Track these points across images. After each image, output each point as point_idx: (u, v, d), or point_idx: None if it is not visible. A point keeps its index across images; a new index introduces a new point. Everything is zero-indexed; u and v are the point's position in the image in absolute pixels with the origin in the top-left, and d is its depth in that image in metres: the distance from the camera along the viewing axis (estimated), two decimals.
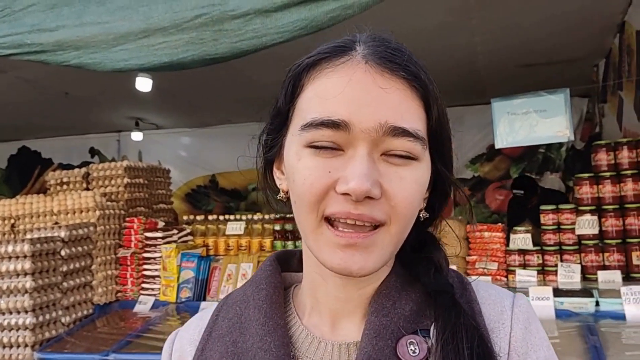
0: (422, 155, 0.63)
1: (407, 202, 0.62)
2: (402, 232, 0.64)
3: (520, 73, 4.37)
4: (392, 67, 0.62)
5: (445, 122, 0.67)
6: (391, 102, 0.60)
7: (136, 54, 1.37)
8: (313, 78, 0.64)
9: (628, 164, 2.74)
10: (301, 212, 0.63)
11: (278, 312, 0.69)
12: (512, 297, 0.70)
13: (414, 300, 0.67)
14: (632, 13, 3.28)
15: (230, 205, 6.87)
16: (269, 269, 0.75)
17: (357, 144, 0.60)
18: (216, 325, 0.73)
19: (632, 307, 2.29)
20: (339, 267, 0.61)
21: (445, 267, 0.71)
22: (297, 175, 0.62)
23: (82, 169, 3.60)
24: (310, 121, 0.61)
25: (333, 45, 0.65)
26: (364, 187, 0.57)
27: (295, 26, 1.40)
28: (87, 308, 2.95)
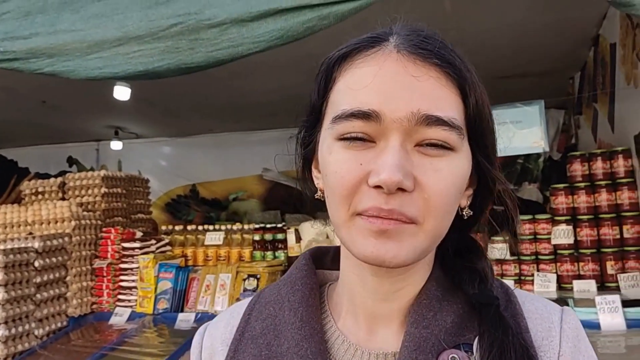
0: (460, 146, 0.60)
1: (443, 195, 0.58)
2: (438, 228, 0.60)
3: (497, 85, 4.43)
4: (424, 55, 0.59)
5: (486, 111, 0.64)
6: (424, 90, 0.58)
7: (111, 62, 1.36)
8: (344, 70, 0.63)
9: (602, 174, 2.79)
10: (334, 206, 0.61)
11: (314, 316, 0.67)
12: (561, 312, 0.67)
13: (455, 312, 0.64)
14: (606, 26, 3.35)
15: (210, 215, 6.82)
16: (304, 268, 0.72)
17: (389, 135, 0.58)
18: (249, 325, 0.71)
19: (607, 317, 2.32)
20: (372, 255, 0.58)
21: (490, 276, 0.67)
22: (329, 168, 0.61)
23: (57, 178, 3.55)
24: (340, 113, 0.59)
25: (365, 36, 0.64)
26: (395, 178, 0.55)
27: (272, 36, 1.40)
28: (61, 320, 2.90)
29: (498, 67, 4.10)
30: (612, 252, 2.68)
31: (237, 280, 3.00)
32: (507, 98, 2.88)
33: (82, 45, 1.37)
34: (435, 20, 3.11)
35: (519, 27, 3.33)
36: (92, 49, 1.37)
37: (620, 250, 2.68)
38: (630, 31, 2.69)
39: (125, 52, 1.36)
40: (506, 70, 4.17)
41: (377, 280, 0.65)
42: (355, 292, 0.67)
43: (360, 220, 0.59)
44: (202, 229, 3.50)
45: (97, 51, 1.37)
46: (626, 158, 2.74)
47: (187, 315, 2.92)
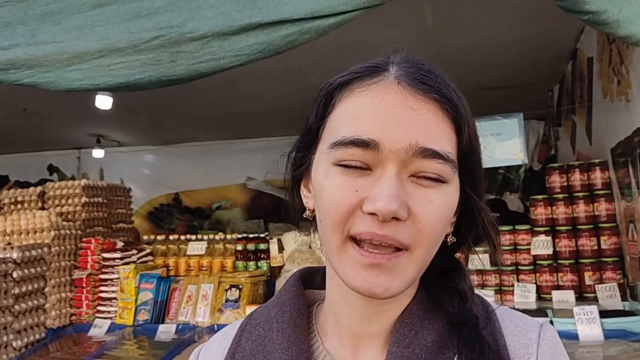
0: (452, 179, 0.63)
1: (434, 226, 0.61)
2: (426, 256, 0.63)
3: (479, 96, 4.48)
4: (424, 89, 0.62)
5: (476, 146, 0.67)
6: (422, 123, 0.60)
7: (91, 74, 1.36)
8: (345, 97, 0.64)
9: (580, 186, 2.84)
10: (327, 230, 0.63)
11: (301, 337, 0.69)
12: (539, 328, 0.69)
13: (436, 330, 0.66)
14: (583, 41, 3.42)
15: (193, 224, 6.78)
16: (292, 289, 0.74)
17: (386, 164, 0.60)
18: (239, 347, 0.72)
19: (585, 327, 2.35)
20: (363, 288, 0.60)
21: (470, 295, 0.70)
22: (324, 193, 0.62)
23: (37, 187, 3.51)
24: (340, 139, 0.61)
25: (366, 65, 0.66)
26: (392, 208, 0.57)
27: (253, 49, 1.41)
28: (39, 332, 2.85)
29: (479, 79, 4.16)
30: (590, 263, 2.73)
31: (219, 290, 2.99)
32: (488, 109, 2.92)
33: (63, 57, 1.37)
34: (417, 34, 3.16)
35: (499, 40, 3.38)
36: (73, 60, 1.37)
37: (598, 261, 2.72)
38: (607, 46, 2.75)
39: (106, 64, 1.36)
40: (487, 82, 4.22)
41: (362, 302, 0.67)
42: (340, 312, 0.69)
43: (353, 250, 0.61)
44: (184, 238, 3.48)
45: (78, 63, 1.37)
46: (603, 170, 2.79)
47: (168, 326, 2.89)
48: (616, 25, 1.54)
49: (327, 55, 2.37)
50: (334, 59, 0.59)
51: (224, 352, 0.73)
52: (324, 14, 1.46)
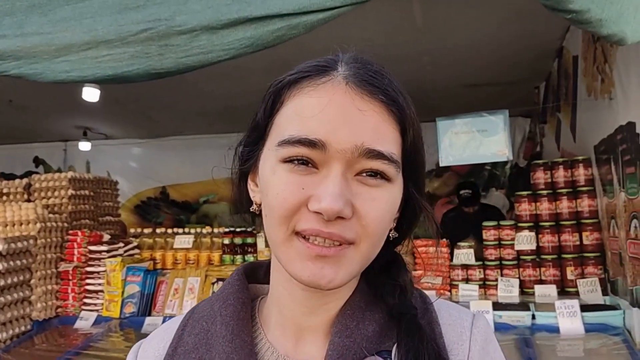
0: (396, 178, 0.64)
1: (378, 222, 0.63)
2: (371, 250, 0.64)
3: (466, 93, 4.53)
4: (372, 90, 0.63)
5: (420, 146, 0.68)
6: (368, 124, 0.61)
7: (79, 66, 1.35)
8: (293, 95, 0.65)
9: (563, 182, 2.88)
10: (272, 225, 0.64)
11: (245, 329, 0.69)
12: (472, 318, 0.72)
13: (377, 321, 0.68)
14: (569, 39, 3.46)
15: (181, 217, 6.76)
16: (236, 284, 0.75)
17: (332, 164, 0.61)
18: (182, 341, 0.72)
19: (566, 321, 2.40)
20: (308, 280, 0.61)
21: (410, 288, 0.72)
22: (271, 189, 0.63)
23: (23, 179, 3.48)
24: (287, 138, 0.62)
25: (315, 64, 0.67)
26: (336, 207, 0.58)
27: (241, 44, 1.42)
28: (25, 324, 2.85)
29: (467, 76, 4.19)
30: (572, 258, 2.78)
31: (206, 283, 3.00)
32: (475, 106, 2.97)
33: (50, 49, 1.36)
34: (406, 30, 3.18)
35: (487, 38, 3.41)
36: (60, 52, 1.36)
37: (580, 256, 2.77)
38: (592, 45, 2.79)
39: (94, 56, 1.35)
40: (474, 79, 4.26)
41: (306, 294, 0.68)
42: (284, 305, 0.71)
43: (298, 243, 0.62)
44: (171, 232, 3.48)
45: (65, 54, 1.36)
46: (586, 167, 2.84)
47: (154, 319, 2.89)
48: (599, 25, 1.57)
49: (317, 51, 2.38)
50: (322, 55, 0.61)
51: (166, 346, 0.73)
52: (312, 9, 1.47)
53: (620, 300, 2.45)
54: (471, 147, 2.65)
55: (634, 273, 2.17)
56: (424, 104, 4.86)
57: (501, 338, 2.37)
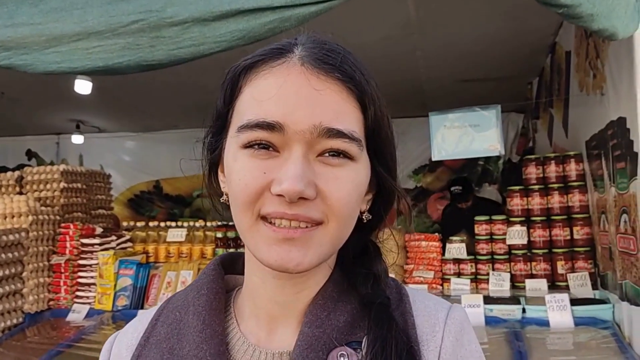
0: (359, 156, 0.63)
1: (343, 202, 0.62)
2: (340, 230, 0.64)
3: (459, 88, 4.54)
4: (327, 69, 0.62)
5: (384, 123, 0.67)
6: (325, 103, 0.61)
7: (69, 57, 1.35)
8: (250, 80, 0.64)
9: (555, 177, 2.90)
10: (238, 211, 0.63)
11: (217, 319, 0.69)
12: (448, 309, 0.71)
13: (349, 312, 0.67)
14: (562, 35, 3.47)
15: (174, 211, 6.75)
16: (211, 274, 0.74)
17: (292, 145, 0.60)
18: (154, 331, 0.72)
19: (556, 314, 2.42)
20: (276, 263, 0.61)
21: (384, 278, 0.71)
22: (234, 175, 0.63)
23: (15, 172, 3.47)
24: (245, 123, 0.61)
25: (271, 47, 0.66)
26: (297, 188, 0.58)
27: (233, 36, 1.42)
28: (17, 317, 2.84)
29: (460, 71, 4.20)
30: (562, 253, 2.79)
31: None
32: (468, 101, 2.97)
33: (41, 39, 1.36)
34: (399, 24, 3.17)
35: (480, 33, 3.42)
36: (51, 43, 1.36)
37: (570, 250, 2.79)
38: (584, 40, 2.80)
39: (85, 47, 1.35)
40: (468, 74, 4.27)
41: (278, 283, 0.68)
42: (258, 294, 0.70)
43: (264, 227, 0.61)
44: (164, 225, 3.48)
45: (56, 45, 1.36)
46: (578, 162, 2.86)
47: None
48: (590, 19, 1.58)
49: None
50: None
51: (139, 336, 0.73)
52: (304, 2, 1.47)
53: (610, 295, 2.47)
54: (464, 142, 2.66)
55: (623, 267, 2.19)
56: (417, 99, 4.87)
57: (492, 331, 2.39)
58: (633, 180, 2.02)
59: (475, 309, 2.50)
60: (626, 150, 2.08)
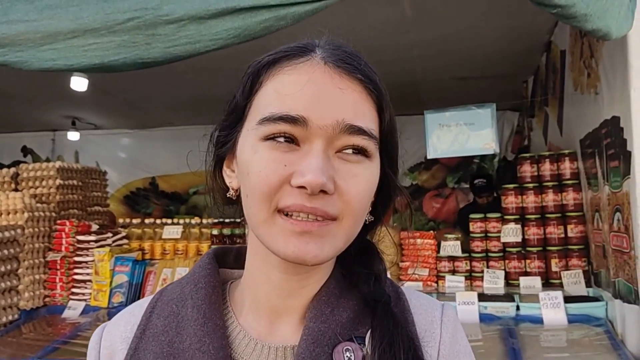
0: (375, 155, 0.66)
1: (359, 199, 0.64)
2: (353, 227, 0.65)
3: (455, 86, 4.55)
4: (349, 69, 0.64)
5: (394, 128, 0.70)
6: (348, 101, 0.63)
7: (64, 54, 1.35)
8: (273, 75, 0.66)
9: (549, 176, 2.91)
10: (254, 204, 0.63)
11: (217, 313, 0.70)
12: (442, 307, 0.74)
13: (351, 308, 0.69)
14: (557, 34, 3.48)
15: (170, 208, 6.75)
16: (208, 267, 0.75)
17: (313, 140, 0.62)
18: (150, 323, 0.72)
19: (549, 312, 2.43)
20: (293, 255, 0.61)
21: (384, 277, 0.73)
22: (253, 167, 0.63)
23: (10, 168, 3.46)
24: (268, 115, 0.62)
25: (294, 45, 0.68)
26: (320, 181, 0.59)
27: (229, 34, 1.42)
28: (12, 313, 2.84)
29: (455, 69, 4.21)
30: (556, 251, 2.81)
31: None
32: (463, 99, 2.98)
33: (36, 36, 1.36)
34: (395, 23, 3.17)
35: (476, 31, 3.43)
36: (46, 40, 1.36)
37: (564, 248, 2.81)
38: (579, 40, 2.81)
39: (80, 44, 1.35)
40: (463, 72, 4.28)
41: (284, 277, 0.69)
42: (260, 288, 0.71)
43: (281, 220, 0.62)
44: (160, 222, 3.48)
45: (51, 42, 1.36)
46: (572, 161, 2.87)
47: None
48: (584, 19, 1.59)
49: None
50: None
51: (133, 328, 0.73)
52: (300, 0, 1.48)
53: (604, 292, 2.48)
54: (459, 141, 2.67)
55: (616, 265, 2.21)
56: (413, 97, 4.88)
57: (486, 328, 2.41)
58: (626, 179, 2.03)
59: (470, 306, 2.51)
60: (619, 149, 2.09)
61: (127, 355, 0.70)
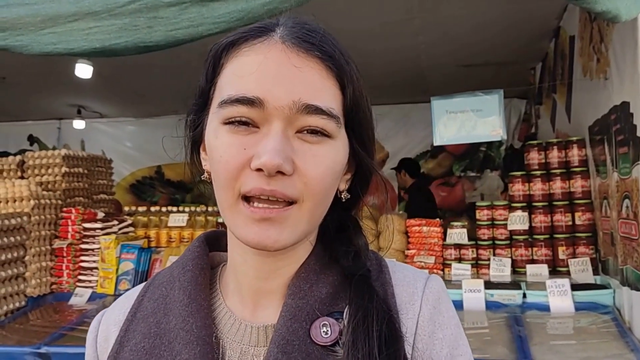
0: (337, 134, 0.65)
1: (320, 180, 0.63)
2: (316, 209, 0.65)
3: (461, 73, 4.50)
4: (307, 47, 0.63)
5: (363, 103, 0.68)
6: (305, 80, 0.62)
7: (65, 38, 1.33)
8: (232, 57, 0.65)
9: (557, 163, 2.88)
10: (219, 189, 0.64)
11: (202, 294, 0.70)
12: (426, 279, 0.73)
13: (330, 283, 0.69)
14: (566, 19, 3.43)
15: (176, 197, 6.76)
16: (196, 251, 0.76)
17: (271, 121, 0.61)
18: (141, 306, 0.74)
19: (556, 299, 2.42)
20: (254, 241, 0.62)
21: (364, 251, 0.73)
22: (215, 152, 0.64)
23: (16, 156, 3.47)
24: (226, 98, 0.62)
25: (253, 26, 0.67)
26: (275, 162, 0.59)
27: (232, 17, 1.40)
28: (19, 300, 2.86)
29: (461, 56, 4.17)
30: (564, 238, 2.79)
31: None
32: (470, 87, 2.94)
33: (36, 20, 1.34)
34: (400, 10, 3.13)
35: (482, 17, 3.38)
36: (47, 23, 1.34)
37: (572, 236, 2.78)
38: (588, 24, 2.77)
39: (81, 28, 1.33)
40: (469, 59, 4.23)
41: (259, 259, 0.69)
42: (240, 271, 0.72)
43: (243, 208, 0.62)
44: (165, 210, 3.48)
45: (52, 26, 1.34)
46: (580, 148, 2.84)
47: None
48: (594, 1, 1.56)
49: None
50: None
51: (126, 312, 0.75)
52: None
53: (611, 280, 2.46)
54: (466, 127, 2.64)
55: (624, 253, 2.18)
56: (419, 85, 4.85)
57: (492, 316, 2.40)
58: (635, 165, 2.00)
59: (476, 294, 2.50)
60: (629, 135, 2.06)
61: (118, 337, 0.72)
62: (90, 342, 0.76)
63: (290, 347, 0.64)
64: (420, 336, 0.68)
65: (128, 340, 0.71)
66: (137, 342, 0.70)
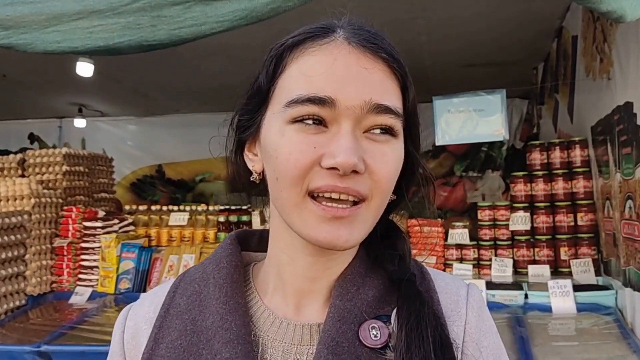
0: (400, 134, 0.66)
1: (388, 178, 0.64)
2: (381, 207, 0.66)
3: (463, 73, 4.49)
4: (374, 49, 0.64)
5: (416, 107, 0.70)
6: (374, 81, 0.63)
7: (69, 36, 1.33)
8: (297, 57, 0.65)
9: (559, 163, 2.88)
10: (284, 187, 0.63)
11: (239, 292, 0.71)
12: (467, 287, 0.74)
13: (376, 287, 0.70)
14: (569, 19, 3.42)
15: (176, 196, 6.75)
16: (229, 248, 0.76)
17: (341, 121, 0.62)
18: (173, 303, 0.73)
19: (558, 300, 2.41)
20: (325, 240, 0.62)
21: (408, 256, 0.73)
22: (281, 150, 0.63)
23: (17, 155, 3.47)
24: (296, 97, 0.62)
25: (316, 26, 0.67)
26: (351, 161, 0.59)
27: (235, 16, 1.39)
28: (19, 299, 2.85)
29: (464, 56, 4.16)
30: (566, 239, 2.78)
31: (201, 260, 3.00)
32: (472, 86, 2.93)
33: (40, 18, 1.34)
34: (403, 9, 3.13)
35: (484, 17, 3.37)
36: (50, 22, 1.33)
37: (574, 237, 2.78)
38: (591, 24, 2.76)
39: (85, 26, 1.33)
40: (472, 59, 4.22)
41: (311, 260, 0.70)
42: (285, 271, 0.71)
43: (312, 205, 0.62)
44: (166, 209, 3.48)
45: (56, 24, 1.33)
46: (583, 148, 2.83)
47: None
48: (599, 1, 1.55)
49: None
50: None
51: (157, 309, 0.74)
52: None
53: (613, 281, 2.46)
54: (468, 127, 2.63)
55: (627, 254, 2.18)
56: (420, 84, 4.78)
57: (494, 317, 2.35)
58: (639, 166, 2.00)
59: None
60: (632, 136, 2.05)
61: (152, 334, 0.71)
62: (117, 339, 0.76)
63: (339, 349, 0.64)
64: (467, 343, 0.69)
65: (163, 337, 0.70)
66: (174, 340, 0.69)
